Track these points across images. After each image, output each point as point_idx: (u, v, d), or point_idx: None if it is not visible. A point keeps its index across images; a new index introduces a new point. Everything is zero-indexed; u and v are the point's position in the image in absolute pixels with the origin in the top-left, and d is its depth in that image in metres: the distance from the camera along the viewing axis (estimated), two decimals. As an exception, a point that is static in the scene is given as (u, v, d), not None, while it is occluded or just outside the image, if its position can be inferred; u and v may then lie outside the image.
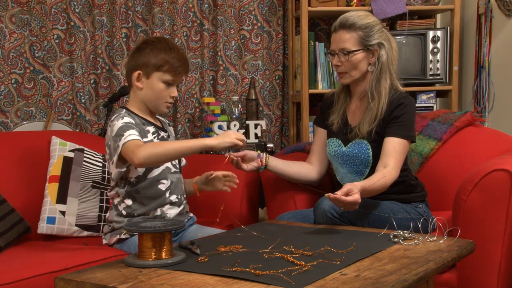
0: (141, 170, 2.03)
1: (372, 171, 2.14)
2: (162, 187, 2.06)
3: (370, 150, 2.16)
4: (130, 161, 1.90)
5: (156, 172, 2.05)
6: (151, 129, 2.09)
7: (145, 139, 2.03)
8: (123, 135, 1.91)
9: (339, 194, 1.81)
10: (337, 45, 2.18)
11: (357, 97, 2.25)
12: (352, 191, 1.84)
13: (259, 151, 2.26)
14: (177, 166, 2.16)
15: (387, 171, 2.05)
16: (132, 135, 1.91)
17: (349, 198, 1.82)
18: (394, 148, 2.10)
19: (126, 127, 1.94)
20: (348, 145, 2.21)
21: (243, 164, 2.21)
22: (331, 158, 2.29)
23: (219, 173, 2.16)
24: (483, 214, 2.00)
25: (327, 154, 2.31)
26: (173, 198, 2.10)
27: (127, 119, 1.98)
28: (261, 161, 2.25)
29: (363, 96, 2.22)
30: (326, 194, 1.82)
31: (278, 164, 2.29)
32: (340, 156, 2.23)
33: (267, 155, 2.28)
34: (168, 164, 2.10)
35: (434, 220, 2.05)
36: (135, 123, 2.02)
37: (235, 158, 2.17)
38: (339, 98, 2.30)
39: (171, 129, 2.28)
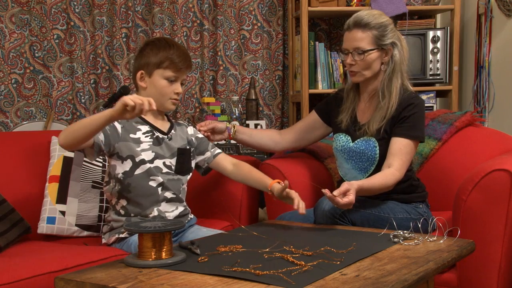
0: (127, 166, 2.03)
1: (378, 169, 2.14)
2: (152, 183, 2.06)
3: (378, 148, 2.16)
4: None
5: (142, 169, 2.05)
6: (144, 128, 2.09)
7: (131, 135, 2.05)
8: None
9: (336, 193, 1.85)
10: (351, 44, 2.16)
11: (367, 96, 2.24)
12: (349, 191, 1.87)
13: (227, 124, 2.41)
14: (172, 168, 2.12)
15: (390, 172, 2.06)
16: None
17: (344, 200, 1.86)
18: (400, 149, 2.10)
19: None
20: (356, 141, 2.21)
21: (211, 136, 2.39)
22: (337, 153, 2.29)
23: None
24: (483, 214, 2.00)
25: (333, 149, 2.31)
26: (168, 194, 2.09)
27: None
28: (229, 134, 2.42)
29: (373, 95, 2.21)
30: (324, 190, 1.84)
31: (244, 137, 2.45)
32: (346, 151, 2.23)
33: (235, 128, 2.43)
34: (159, 164, 2.08)
35: (434, 220, 2.05)
36: (124, 121, 2.02)
37: (204, 133, 2.33)
38: (348, 96, 2.29)
39: (189, 130, 2.25)
